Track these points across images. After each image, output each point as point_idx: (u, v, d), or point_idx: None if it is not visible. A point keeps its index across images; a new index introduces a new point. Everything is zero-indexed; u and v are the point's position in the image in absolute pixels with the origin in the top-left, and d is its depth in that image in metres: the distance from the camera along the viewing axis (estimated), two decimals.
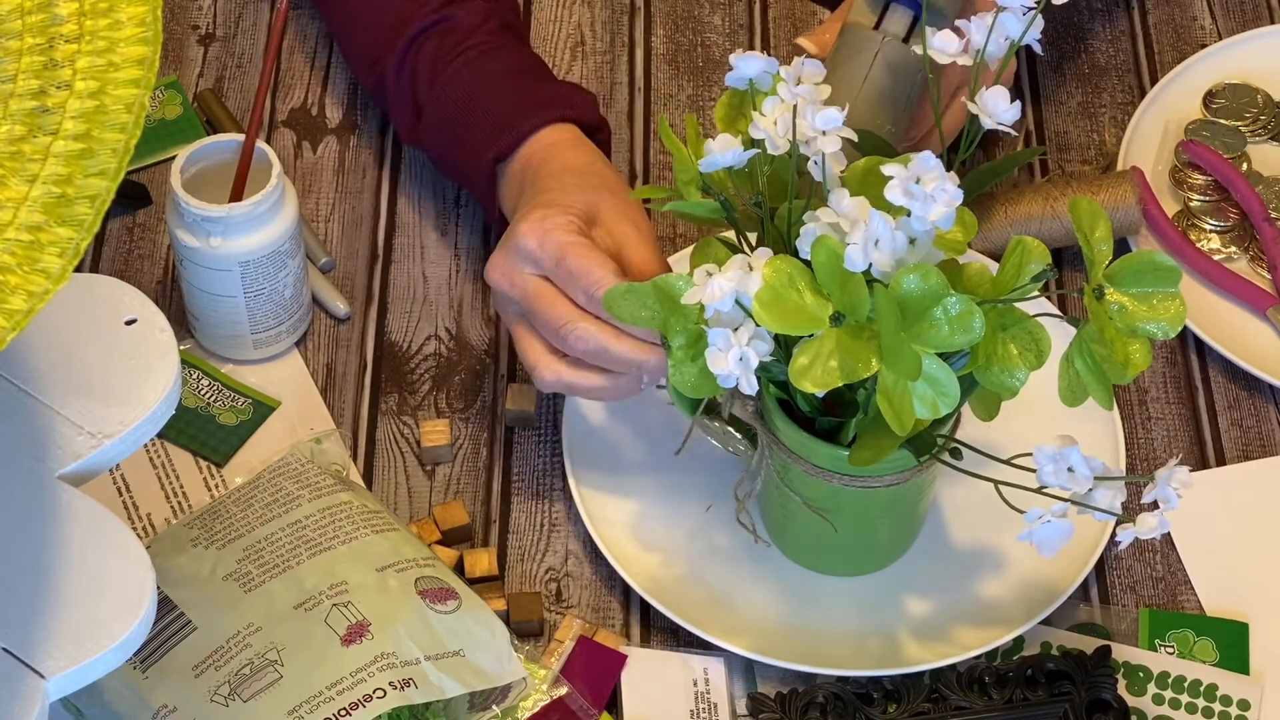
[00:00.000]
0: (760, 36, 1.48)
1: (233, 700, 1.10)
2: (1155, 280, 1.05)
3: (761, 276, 1.02)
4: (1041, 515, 1.04)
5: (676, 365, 1.08)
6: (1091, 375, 1.04)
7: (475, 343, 1.33)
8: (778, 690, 1.18)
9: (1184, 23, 1.50)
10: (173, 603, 1.14)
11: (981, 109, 1.08)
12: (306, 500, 1.19)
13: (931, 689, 1.17)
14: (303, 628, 1.12)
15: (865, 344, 1.02)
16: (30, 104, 0.82)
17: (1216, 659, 1.20)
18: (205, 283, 1.25)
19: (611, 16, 1.49)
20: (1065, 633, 1.20)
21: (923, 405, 1.02)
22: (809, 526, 1.16)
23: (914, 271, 1.01)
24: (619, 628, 1.21)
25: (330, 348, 1.32)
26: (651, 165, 1.42)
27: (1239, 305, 1.35)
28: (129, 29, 0.85)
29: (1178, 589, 1.23)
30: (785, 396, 1.11)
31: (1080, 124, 1.44)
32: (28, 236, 0.79)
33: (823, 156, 1.06)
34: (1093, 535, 1.20)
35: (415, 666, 1.11)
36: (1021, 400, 1.09)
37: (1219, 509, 1.26)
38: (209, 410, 1.28)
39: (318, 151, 1.41)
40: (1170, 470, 1.03)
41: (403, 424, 1.29)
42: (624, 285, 1.09)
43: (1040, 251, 1.04)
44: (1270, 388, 1.32)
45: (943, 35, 1.09)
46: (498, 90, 1.27)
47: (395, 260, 1.36)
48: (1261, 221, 1.36)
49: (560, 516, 1.26)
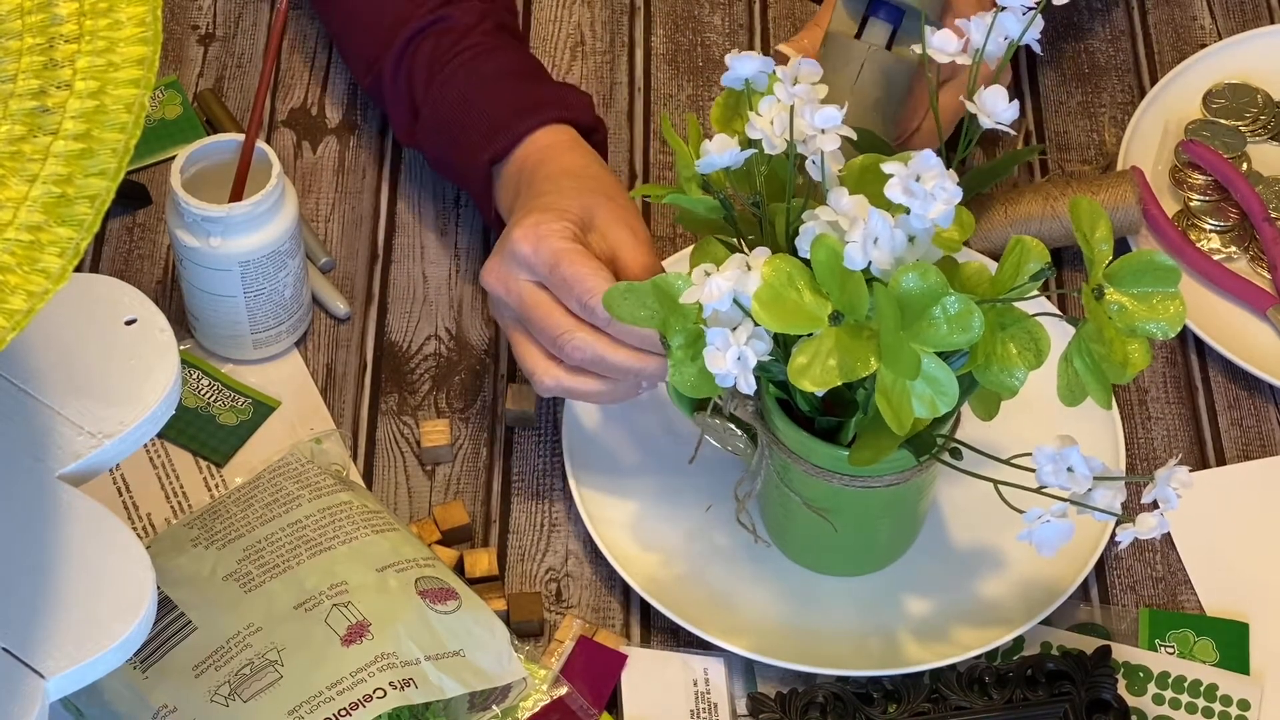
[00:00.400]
0: (760, 36, 1.48)
1: (233, 700, 1.10)
2: (1155, 280, 1.05)
3: (760, 275, 1.02)
4: (1041, 515, 1.04)
5: (676, 365, 1.08)
6: (1091, 375, 1.04)
7: (475, 343, 1.33)
8: (778, 690, 1.18)
9: (1184, 23, 1.50)
10: (173, 603, 1.14)
11: (980, 108, 1.08)
12: (306, 500, 1.19)
13: (931, 689, 1.17)
14: (303, 628, 1.12)
15: (864, 343, 1.02)
16: (30, 104, 0.82)
17: (1216, 659, 1.20)
18: (205, 283, 1.25)
19: (611, 16, 1.49)
20: (1065, 633, 1.20)
21: (922, 405, 1.02)
22: (809, 526, 1.16)
23: (913, 270, 1.01)
24: (619, 628, 1.21)
25: (330, 348, 1.32)
26: (651, 165, 1.42)
27: (1239, 305, 1.35)
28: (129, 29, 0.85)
29: (1178, 589, 1.23)
30: (785, 396, 1.11)
31: (1080, 124, 1.44)
32: (28, 236, 0.79)
33: (821, 155, 1.06)
34: (1093, 535, 1.20)
35: (415, 666, 1.11)
36: (1021, 400, 1.09)
37: (1219, 509, 1.26)
38: (209, 410, 1.28)
39: (318, 151, 1.41)
40: (1170, 470, 1.03)
41: (403, 424, 1.29)
42: (623, 285, 1.09)
43: (1039, 251, 1.04)
44: (1270, 388, 1.32)
45: (942, 35, 1.09)
46: (493, 91, 1.27)
47: (395, 260, 1.36)
48: (1261, 221, 1.36)
49: (560, 516, 1.26)
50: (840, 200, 1.04)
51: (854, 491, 1.13)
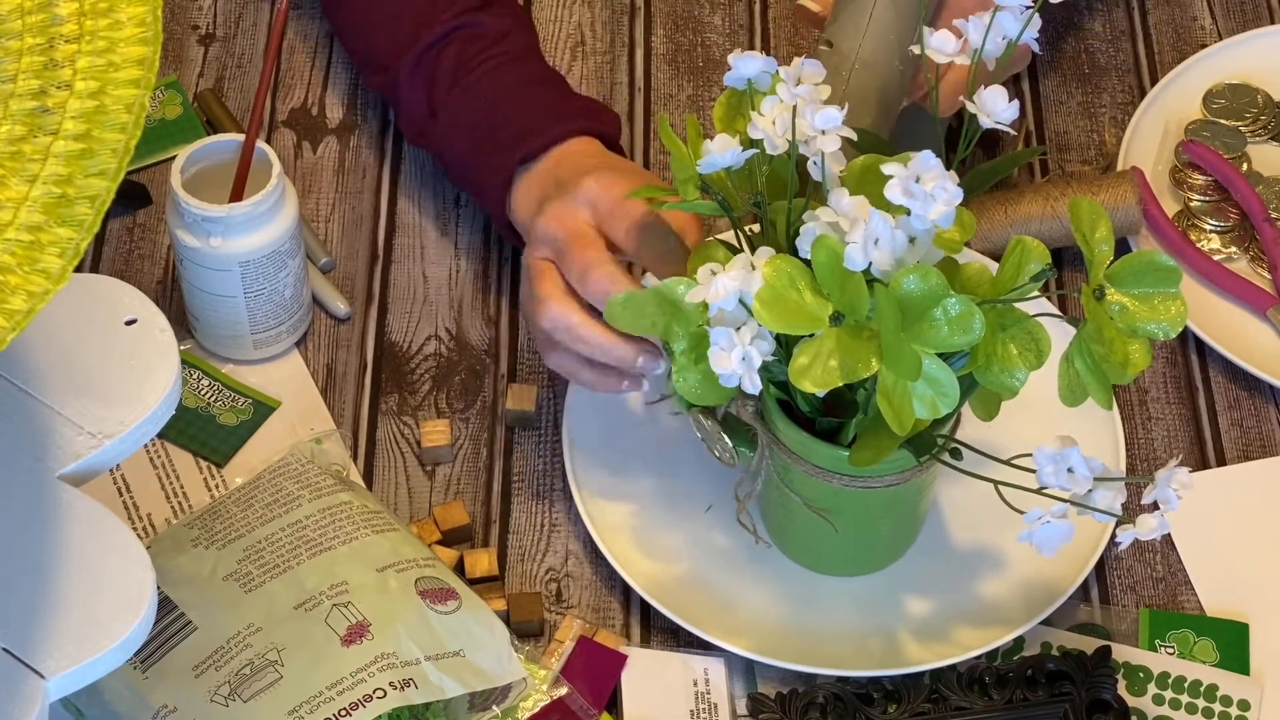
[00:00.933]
0: (760, 36, 1.48)
1: (233, 700, 1.10)
2: (1155, 280, 1.05)
3: (762, 276, 1.02)
4: (1041, 515, 1.04)
5: (680, 371, 1.08)
6: (1091, 375, 1.04)
7: (475, 343, 1.33)
8: (778, 690, 1.18)
9: (1184, 23, 1.50)
10: (173, 603, 1.14)
11: (980, 108, 1.08)
12: (307, 500, 1.19)
13: (932, 689, 1.17)
14: (303, 628, 1.12)
15: (865, 344, 1.02)
16: (30, 104, 0.82)
17: (1216, 659, 1.20)
18: (205, 283, 1.25)
19: (611, 16, 1.49)
20: (1065, 633, 1.20)
21: (922, 405, 1.02)
22: (809, 527, 1.16)
23: (914, 272, 1.01)
24: (619, 628, 1.21)
25: (330, 348, 1.32)
26: (652, 165, 1.42)
27: (1239, 305, 1.35)
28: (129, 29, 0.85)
29: (1178, 589, 1.23)
30: (785, 397, 1.11)
31: (1080, 124, 1.44)
32: (28, 236, 0.79)
33: (822, 156, 1.06)
34: (1093, 535, 1.20)
35: (415, 667, 1.11)
36: (1021, 400, 1.09)
37: (1219, 509, 1.26)
38: (209, 410, 1.28)
39: (318, 151, 1.41)
40: (1170, 471, 1.03)
41: (403, 424, 1.29)
42: (622, 295, 1.09)
43: (1040, 251, 1.04)
44: (1270, 388, 1.32)
45: (941, 34, 1.09)
46: (525, 96, 1.27)
47: (395, 260, 1.36)
48: (1261, 221, 1.36)
49: (560, 517, 1.26)
50: (841, 201, 1.04)
51: (854, 492, 1.13)
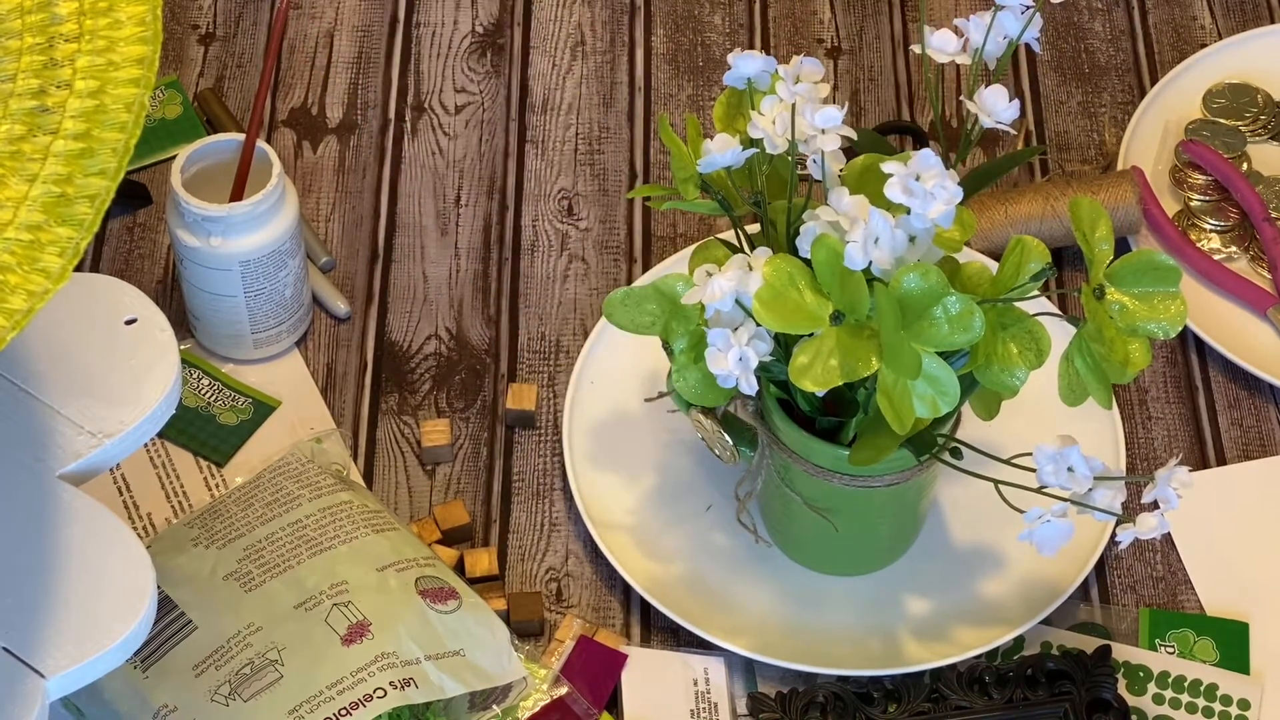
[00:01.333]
0: (760, 36, 1.48)
1: (233, 700, 1.10)
2: (1155, 280, 1.05)
3: (761, 275, 1.02)
4: (1041, 515, 1.04)
5: (679, 370, 1.08)
6: (1091, 374, 1.04)
7: (475, 343, 1.33)
8: (778, 690, 1.18)
9: (1184, 23, 1.50)
10: (173, 602, 1.14)
11: (980, 108, 1.08)
12: (307, 500, 1.19)
13: (932, 689, 1.17)
14: (303, 627, 1.12)
15: (865, 343, 1.02)
16: (30, 103, 0.82)
17: (1217, 659, 1.20)
18: (205, 282, 1.25)
19: (611, 16, 1.49)
20: (1065, 632, 1.20)
21: (923, 404, 1.02)
22: (809, 526, 1.16)
23: (914, 270, 1.01)
24: (619, 627, 1.21)
25: (330, 347, 1.32)
26: (652, 165, 1.42)
27: (1239, 305, 1.34)
28: (129, 28, 0.85)
29: (1178, 589, 1.23)
30: (785, 396, 1.11)
31: (1080, 124, 1.44)
32: (28, 236, 0.79)
33: (822, 155, 1.06)
34: (1093, 535, 1.20)
35: (415, 666, 1.11)
36: (1021, 400, 1.09)
37: (1219, 509, 1.26)
38: (209, 410, 1.28)
39: (318, 151, 1.41)
40: (1170, 470, 1.03)
41: (403, 424, 1.29)
42: (621, 291, 1.09)
43: (1040, 250, 1.04)
44: (1270, 388, 1.32)
45: (941, 34, 1.09)
46: None
47: (395, 260, 1.36)
48: (1261, 221, 1.36)
49: (560, 516, 1.26)
50: (841, 200, 1.04)
51: (854, 491, 1.13)
